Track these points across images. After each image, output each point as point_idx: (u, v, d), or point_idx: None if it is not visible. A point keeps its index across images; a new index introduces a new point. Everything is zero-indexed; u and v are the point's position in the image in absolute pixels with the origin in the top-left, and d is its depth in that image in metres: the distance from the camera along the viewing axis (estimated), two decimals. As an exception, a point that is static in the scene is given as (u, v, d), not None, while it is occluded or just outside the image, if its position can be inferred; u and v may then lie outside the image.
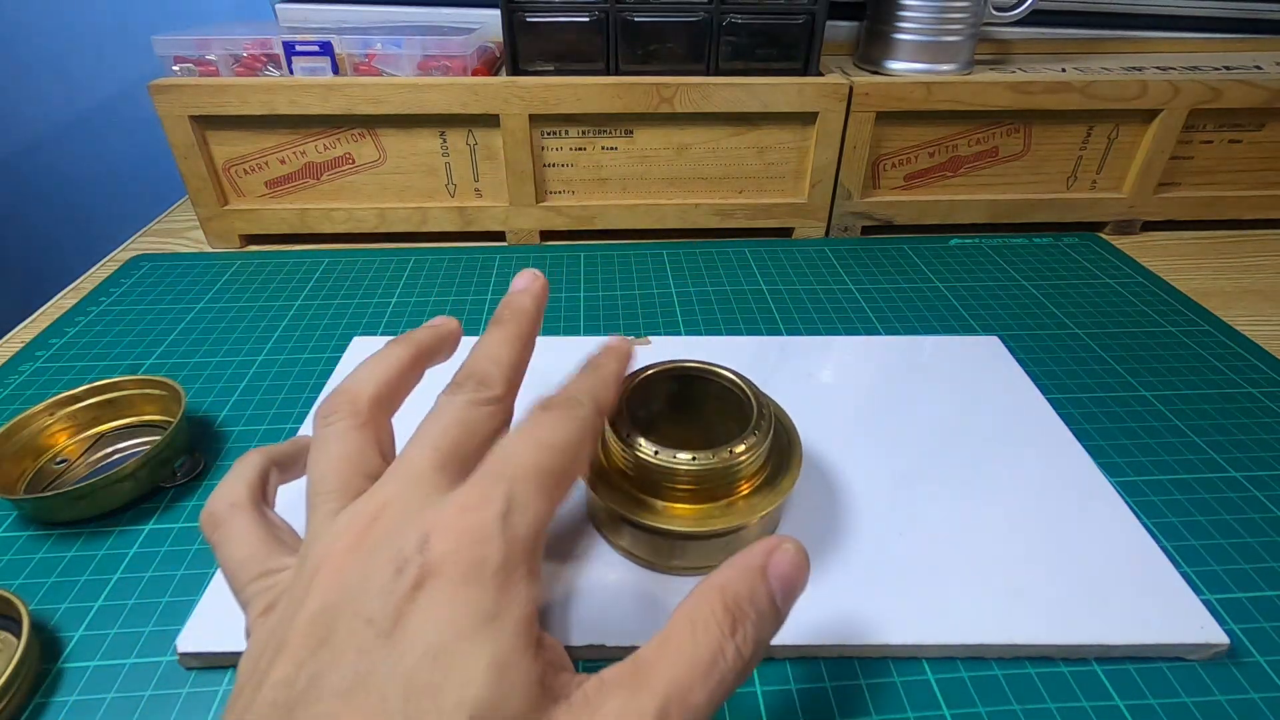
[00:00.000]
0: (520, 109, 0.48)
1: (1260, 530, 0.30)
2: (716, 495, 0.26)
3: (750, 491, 0.26)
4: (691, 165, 0.52)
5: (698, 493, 0.25)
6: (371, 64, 0.48)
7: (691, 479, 0.25)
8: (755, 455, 0.26)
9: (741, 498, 0.26)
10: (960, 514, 0.29)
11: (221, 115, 0.48)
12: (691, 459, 0.25)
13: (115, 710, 0.24)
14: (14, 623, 0.25)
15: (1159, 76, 0.50)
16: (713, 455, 0.25)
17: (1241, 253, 0.53)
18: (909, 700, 0.24)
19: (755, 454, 0.25)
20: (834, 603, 0.26)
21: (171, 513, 0.31)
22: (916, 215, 0.54)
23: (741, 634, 0.17)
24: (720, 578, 0.18)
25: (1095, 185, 0.55)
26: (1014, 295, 0.47)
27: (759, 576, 0.19)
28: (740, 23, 0.47)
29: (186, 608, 0.26)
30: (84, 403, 0.34)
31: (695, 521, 0.25)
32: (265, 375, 0.39)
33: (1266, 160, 0.54)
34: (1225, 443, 0.34)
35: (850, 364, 0.39)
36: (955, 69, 0.51)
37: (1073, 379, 0.39)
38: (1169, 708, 0.23)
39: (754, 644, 0.18)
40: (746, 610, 0.18)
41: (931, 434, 0.34)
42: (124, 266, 0.50)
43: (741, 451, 0.25)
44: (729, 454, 0.25)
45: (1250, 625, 0.26)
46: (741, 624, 0.17)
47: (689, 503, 0.26)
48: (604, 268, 0.50)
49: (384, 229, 0.53)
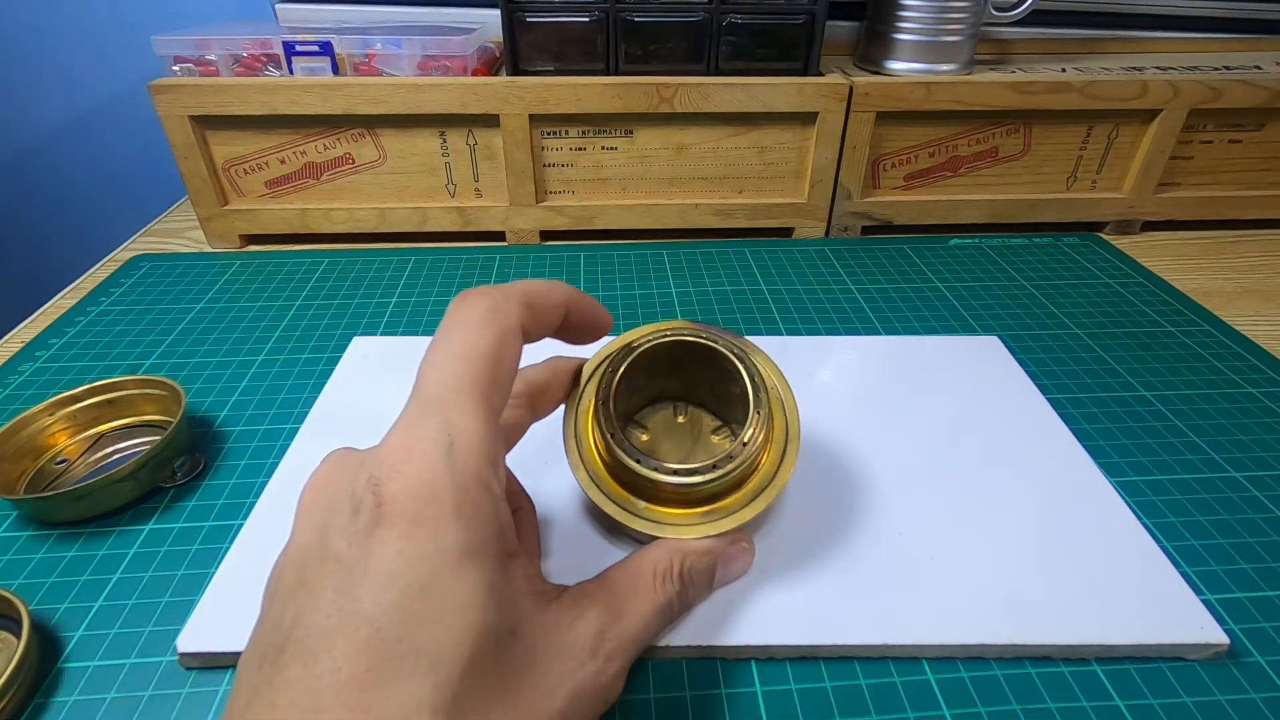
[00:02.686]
0: (520, 109, 0.48)
1: (1260, 530, 0.30)
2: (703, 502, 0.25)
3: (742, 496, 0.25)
4: (691, 165, 0.52)
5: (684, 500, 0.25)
6: (371, 64, 0.48)
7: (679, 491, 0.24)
8: (746, 465, 0.25)
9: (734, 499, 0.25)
10: (960, 514, 0.29)
11: (221, 115, 0.48)
12: (674, 473, 0.24)
13: (115, 710, 0.24)
14: (14, 623, 0.25)
15: (1159, 76, 0.50)
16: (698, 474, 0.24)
17: (1241, 253, 0.53)
18: (909, 700, 0.24)
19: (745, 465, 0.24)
20: (834, 603, 0.26)
21: (171, 513, 0.31)
22: (916, 215, 0.54)
23: (685, 596, 0.23)
24: (687, 545, 0.24)
25: (1095, 185, 0.55)
26: (1014, 295, 0.47)
27: (714, 560, 0.25)
28: (740, 23, 0.47)
29: (186, 608, 0.26)
30: (84, 403, 0.34)
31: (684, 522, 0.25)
32: (265, 375, 0.39)
33: (1266, 160, 0.54)
34: (1225, 443, 0.34)
35: (850, 364, 0.39)
36: (955, 69, 0.50)
37: (1073, 379, 0.39)
38: (1169, 708, 0.23)
39: (688, 606, 0.25)
40: (695, 582, 0.24)
41: (931, 434, 0.34)
42: (124, 266, 0.50)
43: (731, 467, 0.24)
44: (712, 467, 0.24)
45: (1250, 625, 0.26)
46: (688, 589, 0.24)
47: (678, 508, 0.25)
48: (604, 268, 0.50)
49: (384, 229, 0.53)
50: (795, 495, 0.30)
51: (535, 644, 0.19)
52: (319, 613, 0.16)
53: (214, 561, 0.28)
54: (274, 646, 0.16)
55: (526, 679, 0.18)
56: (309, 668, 0.15)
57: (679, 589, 0.23)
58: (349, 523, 0.17)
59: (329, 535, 0.17)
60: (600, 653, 0.20)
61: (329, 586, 0.16)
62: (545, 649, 0.19)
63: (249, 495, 0.31)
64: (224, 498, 0.31)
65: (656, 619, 0.22)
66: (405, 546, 0.16)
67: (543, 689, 0.18)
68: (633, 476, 0.25)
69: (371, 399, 0.36)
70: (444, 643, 0.16)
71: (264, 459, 0.33)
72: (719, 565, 0.25)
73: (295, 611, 0.16)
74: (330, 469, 0.20)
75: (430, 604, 0.16)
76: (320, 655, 0.15)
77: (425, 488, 0.17)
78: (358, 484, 0.18)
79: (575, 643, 0.19)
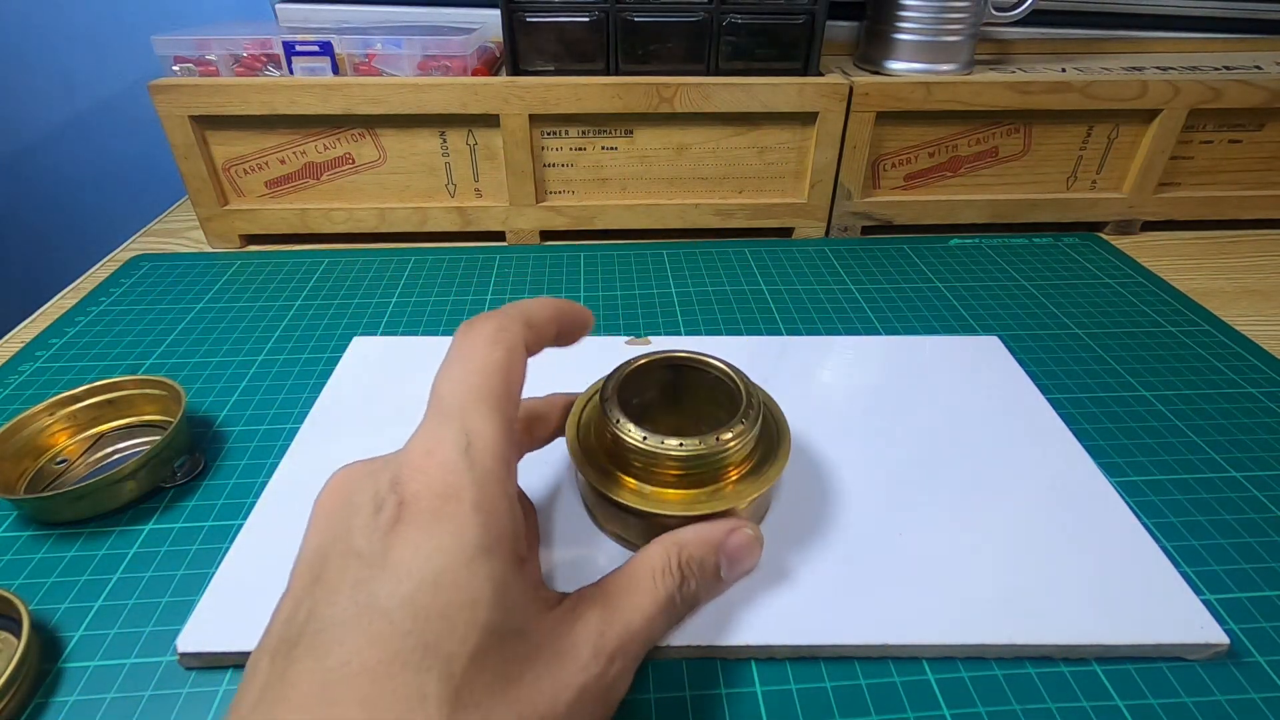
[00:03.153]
0: (520, 109, 0.48)
1: (1260, 530, 0.30)
2: (704, 481, 0.26)
3: (738, 478, 0.26)
4: (691, 165, 0.52)
5: (686, 478, 0.26)
6: (371, 64, 0.48)
7: (679, 464, 0.25)
8: (743, 442, 0.26)
9: (730, 484, 0.26)
10: (960, 513, 0.29)
11: (221, 115, 0.48)
12: (679, 445, 0.25)
13: (115, 710, 0.24)
14: (14, 623, 0.25)
15: (1159, 76, 0.50)
16: (700, 442, 0.25)
17: (1241, 253, 0.53)
18: (909, 700, 0.24)
19: (743, 441, 0.26)
20: (834, 603, 0.26)
21: (171, 513, 0.31)
22: (916, 215, 0.54)
23: (686, 588, 0.23)
24: (682, 536, 0.23)
25: (1095, 185, 0.55)
26: (1014, 295, 0.47)
27: (712, 550, 0.24)
28: (740, 23, 0.47)
29: (186, 608, 0.26)
30: (84, 403, 0.34)
31: (683, 506, 0.25)
32: (265, 375, 0.39)
33: (1266, 160, 0.54)
34: (1225, 443, 0.34)
35: (850, 364, 0.39)
36: (955, 69, 0.50)
37: (1073, 379, 0.39)
38: (1169, 708, 0.23)
39: (694, 600, 0.24)
40: (694, 572, 0.23)
41: (931, 434, 0.34)
42: (124, 266, 0.50)
43: (729, 439, 0.25)
44: (716, 440, 0.25)
45: (1250, 625, 0.26)
46: (689, 581, 0.23)
47: (677, 488, 0.26)
48: (604, 268, 0.50)
49: (384, 229, 0.53)
50: (795, 495, 0.30)
51: (539, 645, 0.19)
52: (335, 606, 0.16)
53: (214, 561, 0.28)
54: (286, 642, 0.16)
55: (528, 679, 0.18)
56: (321, 660, 0.15)
57: (679, 580, 0.23)
58: (370, 521, 0.17)
59: (350, 534, 0.18)
60: (602, 654, 0.20)
61: (347, 582, 0.17)
62: (548, 651, 0.19)
63: (249, 495, 0.31)
64: (224, 498, 0.31)
65: (659, 616, 0.22)
66: (423, 541, 0.17)
67: (545, 690, 0.18)
68: (636, 455, 0.26)
69: (371, 399, 0.36)
70: (451, 637, 0.16)
71: (264, 459, 0.33)
72: (724, 559, 0.24)
73: (310, 606, 0.17)
74: (347, 475, 0.20)
75: (441, 598, 0.16)
76: (333, 648, 0.16)
77: (445, 485, 0.18)
78: (380, 485, 0.18)
79: (576, 646, 0.20)
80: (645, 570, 0.23)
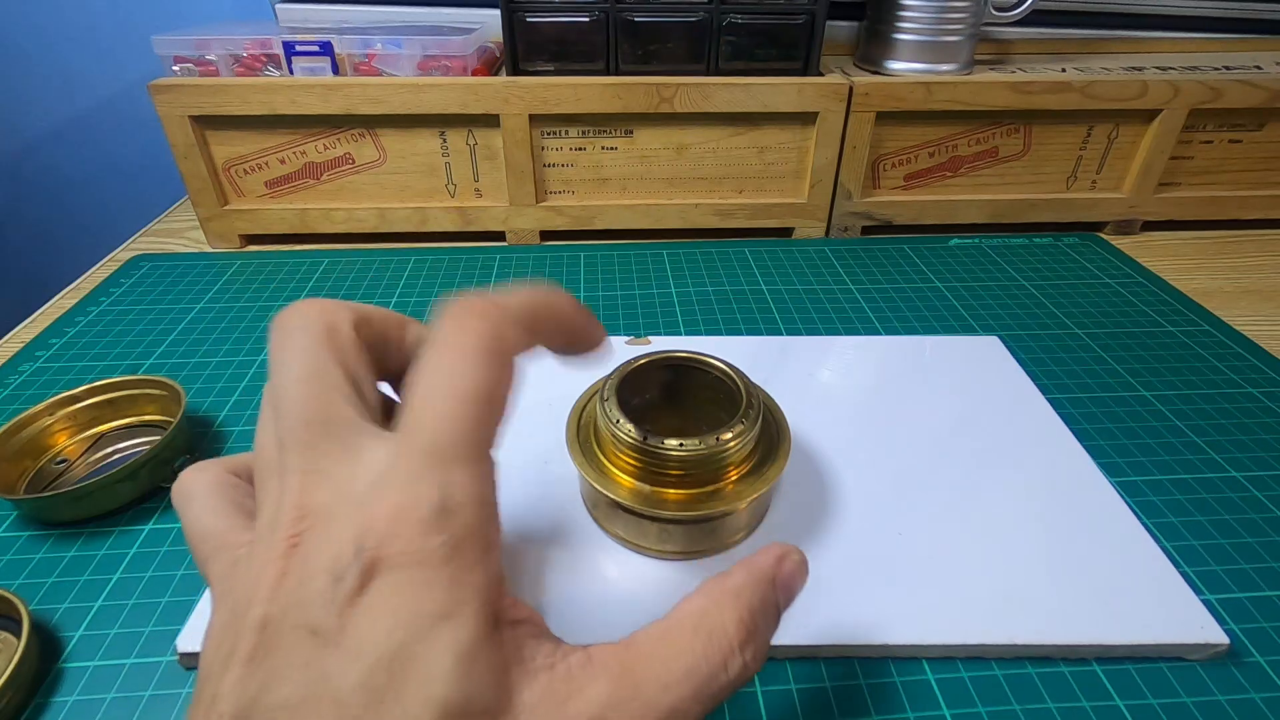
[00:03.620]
0: (520, 109, 0.48)
1: (1260, 530, 0.30)
2: (704, 481, 0.26)
3: (738, 478, 0.26)
4: (691, 165, 0.52)
5: (686, 478, 0.26)
6: (371, 64, 0.48)
7: (679, 465, 0.25)
8: (743, 442, 0.26)
9: (730, 484, 0.26)
10: (960, 514, 0.29)
11: (221, 115, 0.48)
12: (679, 445, 0.25)
13: (115, 710, 0.24)
14: (14, 623, 0.25)
15: (1159, 76, 0.50)
16: (700, 442, 0.25)
17: (1241, 253, 0.53)
18: (909, 700, 0.24)
19: (743, 441, 0.26)
20: (834, 603, 0.26)
21: (171, 513, 0.31)
22: (916, 215, 0.54)
23: (752, 649, 0.17)
24: (734, 582, 0.18)
25: (1095, 185, 0.55)
26: (1014, 295, 0.47)
27: (770, 586, 0.18)
28: (740, 23, 0.47)
29: (186, 608, 0.26)
30: (84, 403, 0.34)
31: (683, 506, 0.25)
32: (265, 375, 0.39)
33: (1266, 160, 0.54)
34: (1225, 443, 0.34)
35: (850, 364, 0.39)
36: (955, 69, 0.50)
37: (1073, 379, 0.39)
38: (1169, 708, 0.23)
39: (761, 657, 0.17)
40: (760, 623, 0.17)
41: (931, 434, 0.34)
42: (124, 266, 0.50)
43: (729, 439, 0.25)
44: (716, 440, 0.25)
45: (1250, 625, 0.26)
46: (754, 638, 0.17)
47: (677, 488, 0.26)
48: (604, 268, 0.50)
49: (384, 229, 0.53)
50: (795, 495, 0.30)
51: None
52: (286, 686, 0.15)
53: (214, 561, 0.28)
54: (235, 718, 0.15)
55: None
56: None
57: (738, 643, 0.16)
58: (329, 590, 0.15)
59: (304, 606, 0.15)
60: None
61: (299, 661, 0.15)
62: None
63: (249, 495, 0.31)
64: (224, 498, 0.31)
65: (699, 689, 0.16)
66: (383, 615, 0.15)
67: None
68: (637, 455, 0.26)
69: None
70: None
71: (264, 459, 0.33)
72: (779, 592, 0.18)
73: (261, 681, 0.15)
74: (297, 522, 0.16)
75: (395, 677, 0.14)
76: None
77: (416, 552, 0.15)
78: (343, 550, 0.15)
79: None
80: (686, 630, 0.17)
